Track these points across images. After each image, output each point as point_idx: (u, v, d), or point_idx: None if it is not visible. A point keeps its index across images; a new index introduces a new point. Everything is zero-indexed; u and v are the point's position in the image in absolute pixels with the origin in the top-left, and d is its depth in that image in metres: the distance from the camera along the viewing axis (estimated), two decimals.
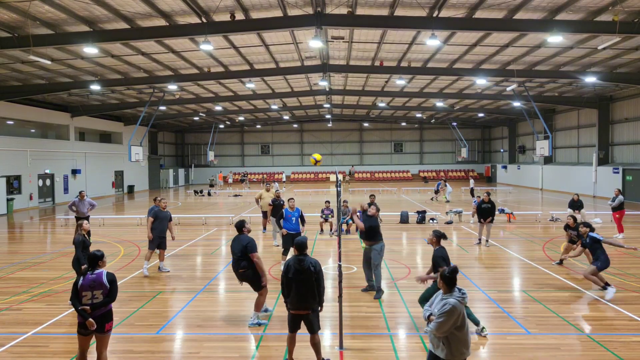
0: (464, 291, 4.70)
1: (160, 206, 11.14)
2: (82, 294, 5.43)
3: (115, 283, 5.55)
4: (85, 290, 5.43)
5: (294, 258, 5.98)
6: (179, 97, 31.75)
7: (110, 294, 5.49)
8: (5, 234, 18.48)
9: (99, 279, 5.47)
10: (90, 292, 5.43)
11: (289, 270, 5.92)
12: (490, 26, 16.20)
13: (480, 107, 38.94)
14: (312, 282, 5.83)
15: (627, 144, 29.14)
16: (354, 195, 33.82)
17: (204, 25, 15.87)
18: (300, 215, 11.83)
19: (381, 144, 56.12)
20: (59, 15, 15.05)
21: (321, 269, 6.00)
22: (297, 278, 5.81)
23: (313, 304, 5.85)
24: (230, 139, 56.35)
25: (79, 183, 32.86)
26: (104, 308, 5.47)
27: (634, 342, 6.76)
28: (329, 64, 24.17)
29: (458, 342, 4.53)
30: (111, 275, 5.58)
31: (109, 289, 5.48)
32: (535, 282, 10.09)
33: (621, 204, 15.73)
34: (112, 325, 5.60)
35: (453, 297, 4.57)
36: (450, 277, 4.66)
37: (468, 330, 4.63)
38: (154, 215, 10.92)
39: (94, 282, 5.45)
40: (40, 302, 8.85)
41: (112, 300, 5.53)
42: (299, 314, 5.87)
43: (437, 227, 18.23)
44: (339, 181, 7.92)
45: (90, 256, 5.66)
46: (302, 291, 5.80)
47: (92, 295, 5.43)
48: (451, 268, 4.74)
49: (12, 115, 27.44)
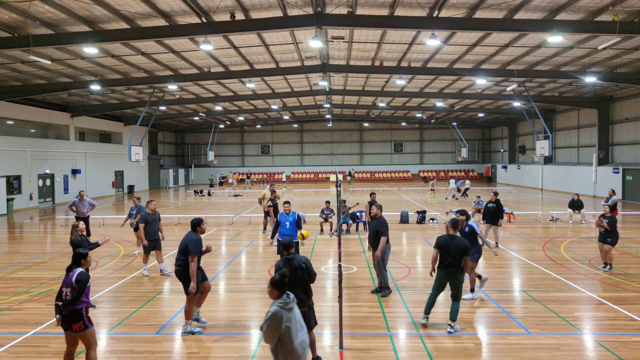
0: (292, 296, 4.42)
1: (149, 208, 11.07)
2: (62, 289, 5.47)
3: (82, 283, 5.38)
4: (64, 287, 5.47)
5: (282, 259, 6.02)
6: (179, 97, 31.76)
7: (75, 293, 5.34)
8: (5, 234, 18.49)
9: (70, 278, 5.44)
10: (66, 289, 5.44)
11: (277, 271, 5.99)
12: (490, 26, 16.20)
13: (480, 107, 38.94)
14: (305, 280, 5.91)
15: (627, 144, 29.14)
16: (353, 195, 33.83)
17: (204, 25, 15.88)
18: (296, 220, 11.14)
19: (381, 144, 56.12)
20: (59, 15, 15.05)
21: (311, 264, 6.07)
22: (290, 279, 5.84)
23: (308, 300, 5.94)
24: (230, 139, 56.35)
25: (79, 183, 32.86)
26: (71, 307, 5.35)
27: (634, 342, 6.77)
28: (329, 64, 24.17)
29: (286, 352, 4.23)
30: (81, 275, 5.44)
31: (77, 288, 5.37)
32: (535, 282, 10.09)
33: (615, 204, 15.51)
34: (81, 327, 5.41)
35: (275, 304, 4.28)
36: (279, 282, 4.41)
37: (299, 339, 4.31)
38: (144, 220, 10.78)
39: (68, 280, 5.46)
40: (40, 302, 8.85)
41: (73, 301, 5.33)
42: None
43: (438, 227, 18.24)
44: (339, 181, 7.92)
45: (75, 253, 5.64)
46: (297, 290, 5.81)
47: (65, 292, 5.42)
48: (281, 272, 4.54)
49: (12, 115, 27.44)
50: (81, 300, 5.40)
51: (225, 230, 18.01)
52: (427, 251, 13.58)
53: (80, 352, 5.97)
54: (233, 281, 10.64)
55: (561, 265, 11.44)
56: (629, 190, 27.80)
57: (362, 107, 42.41)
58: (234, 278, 10.90)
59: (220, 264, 12.29)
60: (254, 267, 11.94)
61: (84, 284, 5.40)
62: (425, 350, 6.54)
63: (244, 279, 10.88)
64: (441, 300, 9.03)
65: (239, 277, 10.97)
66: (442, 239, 7.45)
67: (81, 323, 5.41)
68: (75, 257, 5.61)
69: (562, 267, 11.36)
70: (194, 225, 7.32)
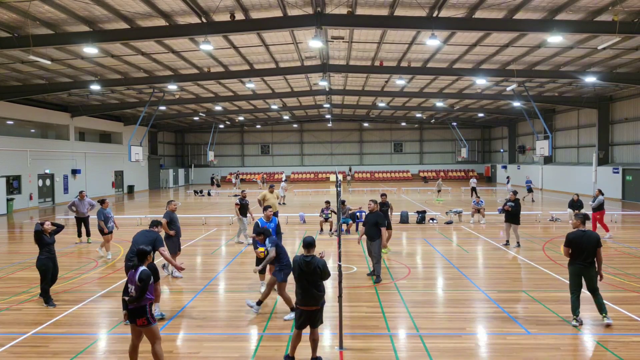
0: None
1: (170, 207, 10.99)
2: (128, 285, 5.73)
3: (145, 282, 5.59)
4: (129, 283, 5.70)
5: (301, 258, 6.19)
6: (179, 97, 31.76)
7: (138, 291, 5.59)
8: (5, 234, 18.48)
9: (134, 276, 5.66)
10: (131, 285, 5.67)
11: (295, 269, 6.22)
12: (490, 26, 16.21)
13: (480, 107, 38.95)
14: (319, 281, 6.15)
15: (627, 144, 29.15)
16: (353, 195, 33.84)
17: (204, 25, 15.88)
18: (277, 227, 10.17)
19: (381, 144, 56.12)
20: (59, 15, 15.05)
21: (328, 269, 6.22)
22: (306, 278, 6.10)
23: (320, 299, 6.14)
24: (230, 139, 56.35)
25: (79, 183, 32.85)
26: (136, 303, 5.58)
27: (634, 342, 6.76)
28: (328, 64, 24.17)
29: None
30: (143, 274, 5.66)
31: (140, 287, 5.60)
32: (535, 282, 10.09)
33: (601, 204, 15.57)
34: (144, 322, 5.61)
35: None
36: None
37: None
38: (169, 218, 10.68)
39: (132, 277, 5.69)
40: (40, 302, 8.83)
41: (138, 298, 5.55)
42: (309, 310, 6.09)
43: (438, 227, 18.23)
44: (339, 181, 7.92)
45: (139, 251, 5.88)
46: (312, 290, 6.09)
47: (131, 289, 5.67)
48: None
49: (12, 115, 27.44)
50: (145, 297, 5.59)
51: (225, 230, 18.00)
52: (427, 251, 13.59)
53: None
54: (233, 281, 10.64)
55: (561, 265, 11.43)
56: (629, 190, 27.79)
57: (362, 107, 42.41)
58: (234, 278, 10.90)
59: (220, 264, 12.29)
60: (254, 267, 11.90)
61: (146, 283, 5.58)
62: (425, 350, 6.54)
63: (244, 279, 10.87)
64: (441, 300, 9.04)
65: (239, 277, 10.97)
66: (574, 235, 7.34)
67: (144, 319, 5.61)
68: (141, 254, 5.85)
69: (562, 267, 11.35)
70: (152, 224, 8.39)
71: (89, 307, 8.60)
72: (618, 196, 28.46)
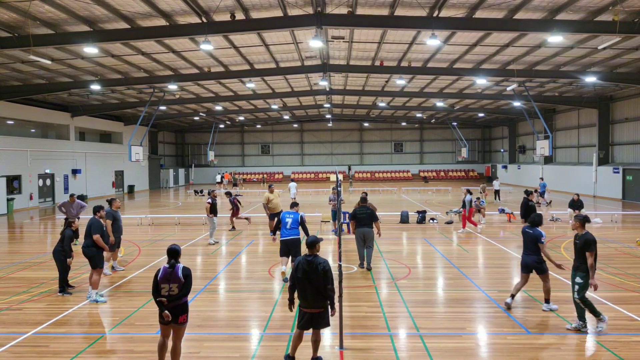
0: None
1: (114, 206, 11.29)
2: (161, 286, 5.66)
3: (189, 277, 5.67)
4: (163, 283, 5.66)
5: (303, 258, 6.07)
6: (179, 97, 31.76)
7: (184, 288, 5.63)
8: (5, 234, 18.49)
9: (176, 273, 5.65)
10: (167, 284, 5.63)
11: (297, 270, 6.03)
12: (490, 26, 16.20)
13: (480, 107, 38.94)
14: (322, 282, 5.91)
15: (627, 144, 29.14)
16: (353, 195, 33.82)
17: (204, 25, 15.87)
18: (299, 220, 10.45)
19: (381, 144, 56.11)
20: (59, 15, 15.05)
21: (330, 268, 5.99)
22: (308, 278, 5.91)
23: (325, 301, 5.96)
24: (230, 138, 56.35)
25: (79, 183, 32.86)
26: (179, 301, 5.61)
27: (634, 342, 6.76)
28: (329, 63, 24.17)
29: None
30: (186, 270, 5.72)
31: (184, 283, 5.63)
32: (535, 282, 10.07)
33: (470, 202, 16.55)
34: (186, 318, 5.69)
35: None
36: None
37: None
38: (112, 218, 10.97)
39: (170, 276, 5.66)
40: (40, 302, 8.85)
41: (185, 294, 5.64)
42: (313, 312, 5.95)
43: (438, 227, 18.23)
44: (339, 181, 7.92)
45: (172, 250, 5.85)
46: (315, 292, 5.90)
47: (169, 288, 5.62)
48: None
49: (12, 115, 27.45)
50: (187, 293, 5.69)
51: (225, 230, 18.00)
52: (427, 251, 13.59)
53: None
54: (233, 281, 10.64)
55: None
56: (629, 190, 27.79)
57: (362, 107, 42.40)
58: (234, 278, 10.91)
59: (220, 264, 12.30)
60: (254, 267, 11.93)
61: (190, 278, 5.71)
62: (426, 350, 6.54)
63: (244, 279, 10.87)
64: (441, 300, 9.04)
65: (239, 277, 10.97)
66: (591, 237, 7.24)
67: (186, 315, 5.68)
68: (174, 253, 5.85)
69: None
70: (94, 210, 9.60)
71: (89, 307, 8.60)
72: (618, 196, 28.46)
